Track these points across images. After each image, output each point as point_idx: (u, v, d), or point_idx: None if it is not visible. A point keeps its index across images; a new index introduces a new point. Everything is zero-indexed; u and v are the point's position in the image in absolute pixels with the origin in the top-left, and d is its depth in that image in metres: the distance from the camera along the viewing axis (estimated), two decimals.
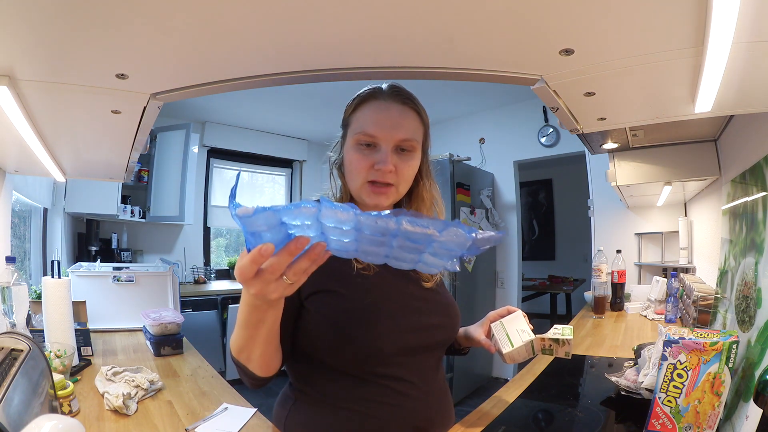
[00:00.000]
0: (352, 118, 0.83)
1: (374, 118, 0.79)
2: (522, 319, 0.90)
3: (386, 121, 0.79)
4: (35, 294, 1.77)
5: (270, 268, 0.48)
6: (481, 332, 0.93)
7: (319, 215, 0.45)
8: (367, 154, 0.79)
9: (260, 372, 0.71)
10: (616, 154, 1.90)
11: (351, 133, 0.81)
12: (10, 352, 0.82)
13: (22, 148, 1.21)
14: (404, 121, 0.80)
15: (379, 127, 0.78)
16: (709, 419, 0.75)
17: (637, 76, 0.85)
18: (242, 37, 0.76)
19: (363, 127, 0.79)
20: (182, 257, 4.07)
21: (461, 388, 3.39)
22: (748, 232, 1.15)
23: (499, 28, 0.72)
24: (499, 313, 0.93)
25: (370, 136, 0.78)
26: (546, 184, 5.85)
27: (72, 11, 0.65)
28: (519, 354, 0.89)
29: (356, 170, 0.79)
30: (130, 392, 1.08)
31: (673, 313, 1.92)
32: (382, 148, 0.78)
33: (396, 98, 0.81)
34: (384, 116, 0.79)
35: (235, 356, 0.70)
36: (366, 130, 0.78)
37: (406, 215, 0.45)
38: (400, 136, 0.79)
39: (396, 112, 0.80)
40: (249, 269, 0.48)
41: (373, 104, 0.81)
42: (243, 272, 0.48)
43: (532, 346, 0.89)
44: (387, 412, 0.77)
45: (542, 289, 4.17)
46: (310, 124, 4.38)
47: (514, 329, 0.89)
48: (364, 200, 0.81)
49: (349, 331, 0.75)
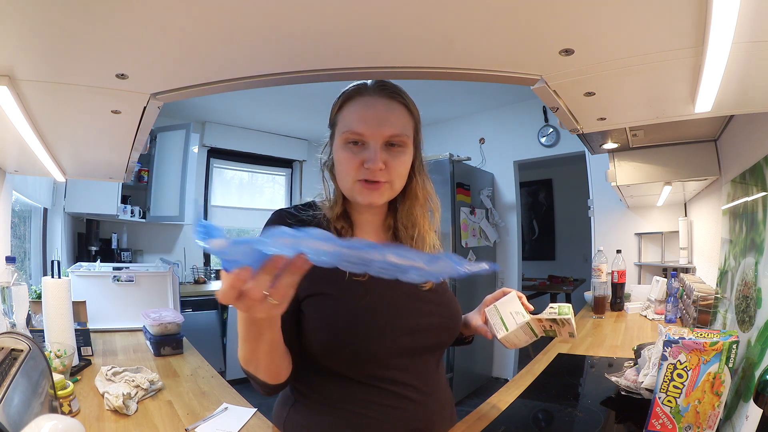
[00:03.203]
0: (338, 117, 0.81)
1: (360, 115, 0.77)
2: (516, 301, 0.84)
3: (373, 117, 0.76)
4: (35, 294, 1.77)
5: (250, 291, 0.45)
6: (478, 318, 0.90)
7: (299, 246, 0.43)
8: (356, 152, 0.76)
9: (270, 380, 0.71)
10: (616, 154, 1.90)
11: (338, 132, 0.79)
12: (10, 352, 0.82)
13: (22, 148, 1.21)
14: (392, 116, 0.78)
15: (366, 124, 0.76)
16: (709, 419, 0.75)
17: (637, 76, 0.85)
18: (242, 37, 0.76)
19: (349, 126, 0.77)
20: (182, 257, 4.08)
21: (461, 388, 3.39)
22: (748, 232, 1.15)
23: (499, 28, 0.72)
24: (494, 296, 0.89)
25: (357, 134, 0.76)
26: (546, 184, 5.85)
27: (72, 11, 0.65)
28: (517, 338, 0.83)
29: (345, 170, 0.78)
30: (130, 392, 1.08)
31: (673, 313, 1.92)
32: (370, 146, 0.76)
33: (382, 93, 0.79)
34: (370, 113, 0.76)
35: (243, 367, 0.71)
36: (352, 128, 0.76)
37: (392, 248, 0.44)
38: (389, 131, 0.76)
39: (382, 107, 0.77)
40: (229, 294, 0.46)
41: (359, 101, 0.78)
42: (225, 297, 0.46)
43: (530, 328, 0.83)
44: (387, 414, 0.77)
45: (542, 289, 4.17)
46: (310, 124, 4.38)
47: (508, 312, 0.83)
48: (356, 199, 0.79)
49: (344, 335, 0.74)
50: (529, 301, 0.86)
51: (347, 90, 0.81)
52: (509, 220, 3.94)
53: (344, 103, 0.80)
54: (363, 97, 0.79)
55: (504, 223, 3.93)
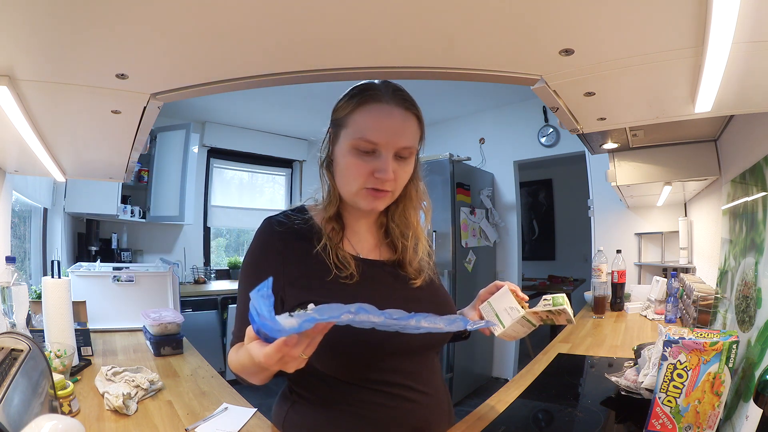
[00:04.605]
0: (349, 119, 0.77)
1: (376, 124, 0.75)
2: (509, 296, 0.83)
3: (389, 127, 0.75)
4: (35, 294, 1.77)
5: (293, 353, 0.52)
6: (474, 315, 0.90)
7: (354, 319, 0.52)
8: (367, 160, 0.75)
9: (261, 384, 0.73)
10: (616, 154, 1.90)
11: (348, 135, 0.77)
12: (10, 352, 0.82)
13: (22, 148, 1.21)
14: (406, 129, 0.77)
15: (382, 134, 0.74)
16: (709, 419, 0.75)
17: (637, 76, 0.85)
18: (242, 37, 0.76)
19: (363, 133, 0.74)
20: (182, 257, 4.08)
21: (461, 388, 3.39)
22: (748, 232, 1.15)
23: (498, 28, 0.72)
24: (488, 290, 0.87)
25: (371, 143, 0.74)
26: (546, 184, 5.85)
27: (72, 11, 0.65)
28: (515, 331, 0.82)
29: (353, 176, 0.76)
30: (130, 392, 1.08)
31: (673, 313, 1.92)
32: (382, 155, 0.75)
33: (399, 103, 0.77)
34: (387, 123, 0.75)
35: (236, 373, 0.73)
36: (368, 137, 0.74)
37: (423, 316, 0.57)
38: (402, 144, 0.76)
39: (399, 119, 0.76)
40: (275, 357, 0.51)
41: (375, 108, 0.76)
42: (270, 360, 0.52)
43: (527, 320, 0.82)
44: (384, 414, 0.77)
45: (542, 289, 4.17)
46: (310, 124, 4.38)
47: (503, 308, 0.82)
48: (358, 204, 0.79)
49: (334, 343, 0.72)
50: (530, 302, 0.85)
51: (361, 91, 0.78)
52: (509, 220, 3.94)
53: (358, 106, 0.77)
54: (380, 104, 0.76)
55: (504, 223, 3.93)
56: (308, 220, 0.83)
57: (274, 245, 0.79)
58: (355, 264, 0.79)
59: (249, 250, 0.81)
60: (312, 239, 0.80)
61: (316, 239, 0.80)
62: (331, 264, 0.77)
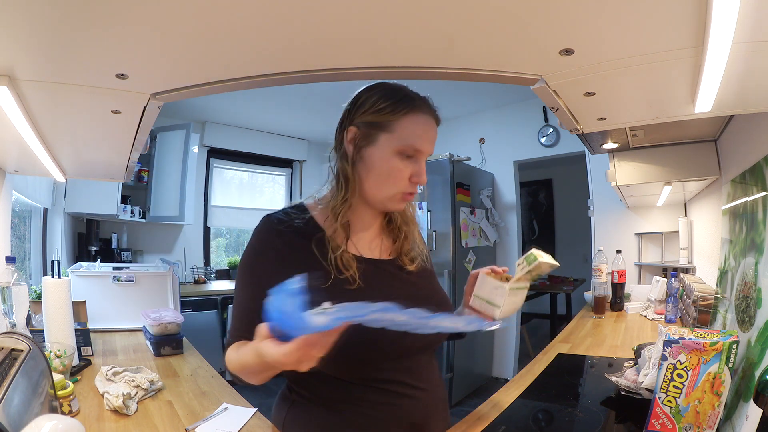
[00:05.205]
0: (396, 124, 0.79)
1: (422, 131, 0.80)
2: (488, 279, 0.83)
3: (432, 138, 0.82)
4: (35, 294, 1.77)
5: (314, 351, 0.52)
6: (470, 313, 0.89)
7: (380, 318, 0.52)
8: (408, 165, 0.80)
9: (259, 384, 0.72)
10: (616, 154, 1.90)
11: (393, 139, 0.78)
12: (10, 352, 0.82)
13: (22, 148, 1.21)
14: (434, 139, 0.84)
15: (426, 143, 0.80)
16: (709, 419, 0.75)
17: (637, 76, 0.85)
18: (242, 37, 0.76)
19: (411, 140, 0.78)
20: (182, 257, 4.07)
21: (461, 388, 3.38)
22: (748, 232, 1.15)
23: (498, 29, 0.72)
24: (469, 284, 0.87)
25: (417, 150, 0.79)
26: (546, 184, 5.85)
27: (72, 11, 0.65)
28: (513, 304, 0.81)
29: (396, 179, 0.80)
30: (130, 392, 1.08)
31: (673, 313, 1.92)
32: (419, 162, 0.80)
33: (433, 115, 0.83)
34: (431, 134, 0.81)
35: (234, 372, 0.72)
36: (415, 144, 0.79)
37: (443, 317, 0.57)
38: (431, 152, 0.83)
39: (432, 130, 0.82)
40: (295, 355, 0.52)
41: (420, 117, 0.80)
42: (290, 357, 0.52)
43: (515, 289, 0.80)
44: (383, 412, 0.78)
45: (542, 289, 4.17)
46: (310, 124, 4.38)
47: (488, 292, 0.82)
48: (387, 205, 0.83)
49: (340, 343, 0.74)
50: (530, 302, 0.86)
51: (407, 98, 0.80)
52: (509, 220, 3.94)
53: (408, 113, 0.79)
54: (423, 114, 0.81)
55: (504, 223, 3.93)
56: (308, 219, 0.83)
57: (273, 243, 0.79)
58: (357, 265, 0.80)
59: (247, 248, 0.81)
60: (312, 238, 0.80)
61: (316, 238, 0.80)
62: (332, 266, 0.77)
